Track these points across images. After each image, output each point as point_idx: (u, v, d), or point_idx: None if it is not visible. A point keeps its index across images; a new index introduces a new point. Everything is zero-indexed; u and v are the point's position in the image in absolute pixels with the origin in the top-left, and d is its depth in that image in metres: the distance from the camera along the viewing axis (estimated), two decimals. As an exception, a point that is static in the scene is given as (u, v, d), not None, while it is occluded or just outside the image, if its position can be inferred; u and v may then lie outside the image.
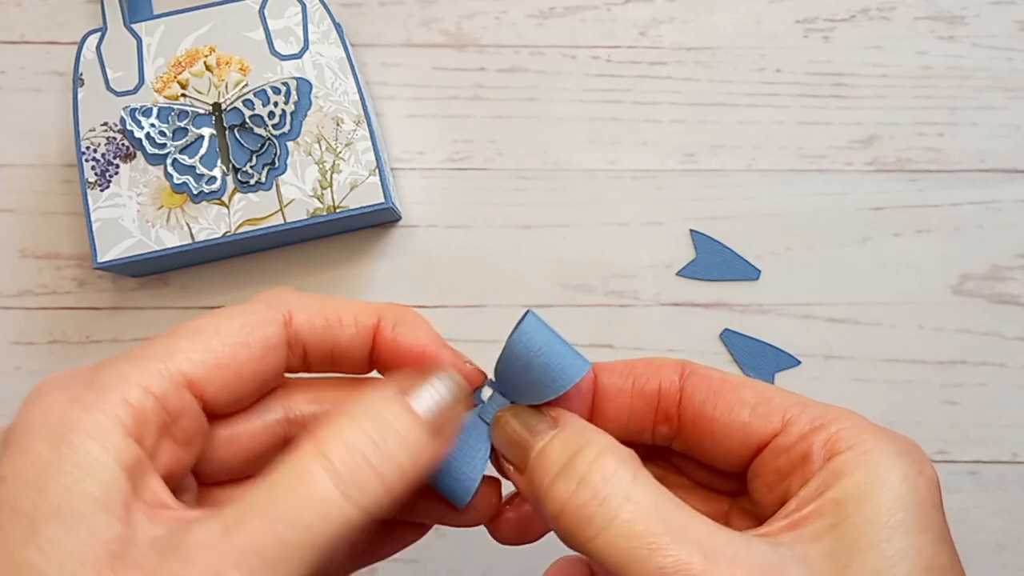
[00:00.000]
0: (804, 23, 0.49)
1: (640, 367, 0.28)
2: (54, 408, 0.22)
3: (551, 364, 0.27)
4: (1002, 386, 0.47)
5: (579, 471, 0.24)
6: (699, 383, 0.27)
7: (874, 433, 0.24)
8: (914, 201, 0.48)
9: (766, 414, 0.26)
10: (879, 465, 0.23)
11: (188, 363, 0.24)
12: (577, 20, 0.49)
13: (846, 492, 0.23)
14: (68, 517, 0.21)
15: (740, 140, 0.48)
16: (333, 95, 0.45)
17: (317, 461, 0.22)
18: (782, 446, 0.25)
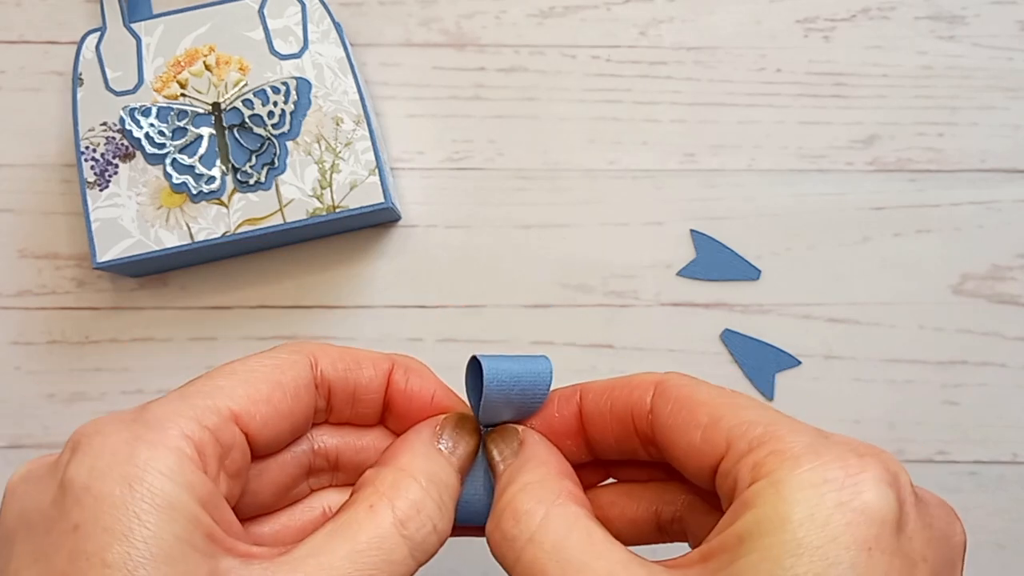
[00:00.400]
0: (804, 23, 0.49)
1: (618, 388, 0.28)
2: (119, 449, 0.22)
3: (525, 387, 0.29)
4: (1002, 386, 0.47)
5: (501, 506, 0.26)
6: (662, 404, 0.27)
7: (798, 458, 0.22)
8: (914, 201, 0.48)
9: (712, 438, 0.25)
10: (785, 498, 0.21)
11: (232, 399, 0.25)
12: (577, 20, 0.49)
13: (746, 527, 0.22)
14: (160, 564, 0.20)
15: (740, 140, 0.48)
16: (333, 95, 0.45)
17: (396, 530, 0.25)
18: (724, 470, 0.24)
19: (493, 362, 0.28)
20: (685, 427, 0.26)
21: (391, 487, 0.26)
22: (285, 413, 0.26)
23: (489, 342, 0.46)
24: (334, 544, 0.24)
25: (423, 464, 0.27)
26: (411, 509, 0.26)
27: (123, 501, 0.21)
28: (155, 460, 0.22)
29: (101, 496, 0.21)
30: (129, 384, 0.47)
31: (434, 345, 0.47)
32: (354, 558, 0.24)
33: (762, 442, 0.23)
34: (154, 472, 0.21)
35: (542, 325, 0.47)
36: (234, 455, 0.25)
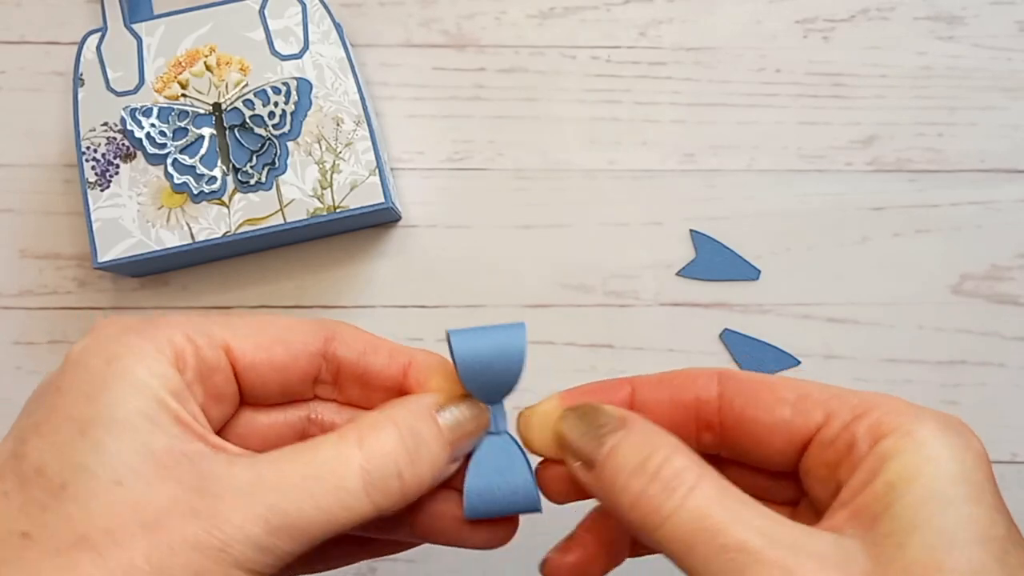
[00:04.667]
0: (804, 23, 0.49)
1: (677, 378, 0.29)
2: (110, 334, 0.25)
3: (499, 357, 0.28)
4: (1002, 386, 0.47)
5: (651, 468, 0.25)
6: (736, 387, 0.28)
7: (916, 414, 0.25)
8: (914, 201, 0.48)
9: (807, 410, 0.26)
10: (924, 444, 0.24)
11: (231, 333, 0.27)
12: (577, 20, 0.49)
13: (895, 474, 0.23)
14: (118, 426, 0.24)
15: (740, 140, 0.48)
16: (333, 95, 0.45)
17: (357, 459, 0.25)
18: (827, 439, 0.26)
19: (462, 336, 0.28)
20: (769, 405, 0.27)
21: (368, 426, 0.26)
22: (278, 366, 0.28)
23: (489, 342, 0.47)
24: (295, 454, 0.25)
25: (408, 417, 0.27)
26: (377, 443, 0.26)
27: (99, 371, 0.24)
28: (135, 347, 0.25)
29: (83, 365, 0.25)
30: (130, 384, 0.47)
31: (434, 345, 0.47)
32: (307, 471, 0.25)
33: (868, 408, 0.25)
34: (132, 355, 0.25)
35: (542, 325, 0.47)
36: (216, 378, 0.27)
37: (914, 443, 0.24)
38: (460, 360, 0.28)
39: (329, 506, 0.24)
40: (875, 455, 0.24)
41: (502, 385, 0.29)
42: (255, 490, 0.24)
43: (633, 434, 0.26)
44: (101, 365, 0.24)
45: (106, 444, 0.23)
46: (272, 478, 0.24)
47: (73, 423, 0.24)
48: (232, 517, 0.23)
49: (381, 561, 0.47)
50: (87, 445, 0.23)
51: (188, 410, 0.25)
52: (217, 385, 0.27)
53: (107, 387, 0.24)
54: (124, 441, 0.24)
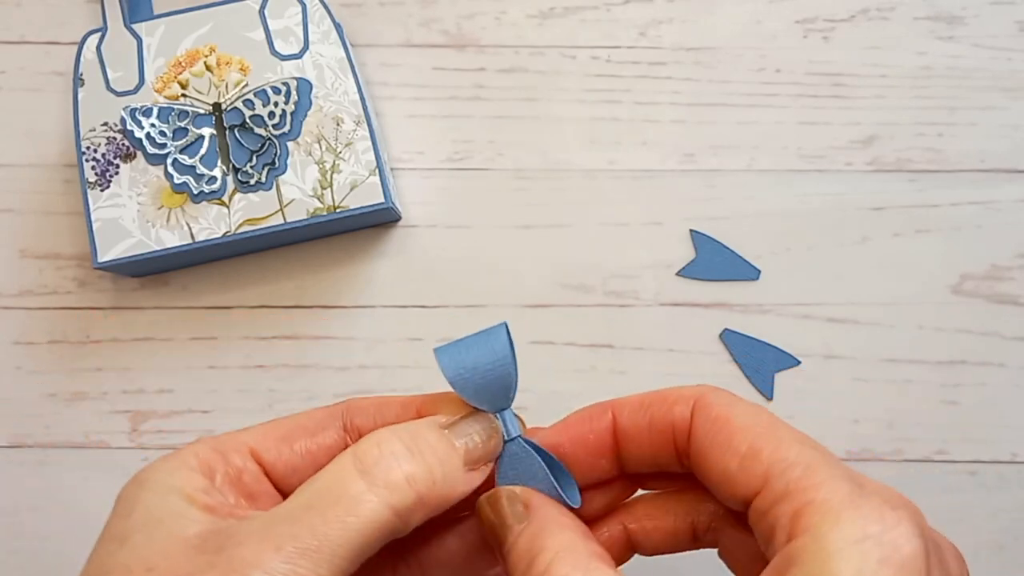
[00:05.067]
0: (804, 23, 0.49)
1: (656, 403, 0.28)
2: (140, 470, 0.27)
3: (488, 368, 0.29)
4: (1002, 386, 0.47)
5: (537, 571, 0.25)
6: (701, 422, 0.27)
7: (839, 513, 0.23)
8: (914, 201, 0.48)
9: (750, 468, 0.25)
10: (832, 555, 0.22)
11: (250, 435, 0.28)
12: (577, 20, 0.49)
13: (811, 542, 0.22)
14: (151, 525, 0.25)
15: (740, 140, 0.48)
16: (333, 95, 0.45)
17: (350, 461, 0.25)
18: (759, 509, 0.25)
19: (448, 355, 0.29)
20: (722, 452, 0.26)
21: (362, 440, 0.26)
22: (303, 452, 0.28)
23: (489, 342, 0.47)
24: (299, 489, 0.25)
25: (405, 425, 0.27)
26: (369, 444, 0.26)
27: (132, 495, 0.26)
28: (161, 466, 0.26)
29: (119, 498, 0.26)
30: (130, 384, 0.47)
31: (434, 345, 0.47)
32: (310, 495, 0.25)
33: (801, 487, 0.24)
34: (157, 472, 0.26)
35: (542, 325, 0.47)
36: (246, 479, 0.27)
37: (820, 555, 0.22)
38: (450, 374, 0.28)
39: (339, 516, 0.24)
40: (784, 555, 0.23)
41: (500, 389, 0.29)
42: (267, 527, 0.24)
43: (529, 529, 0.27)
44: (134, 490, 0.26)
45: (139, 542, 0.24)
46: (282, 513, 0.25)
47: (114, 540, 0.25)
48: (245, 555, 0.23)
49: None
50: (124, 548, 0.24)
51: (216, 500, 0.26)
52: (248, 485, 0.28)
53: (139, 501, 0.25)
54: (156, 535, 0.24)
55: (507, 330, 0.29)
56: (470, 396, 0.29)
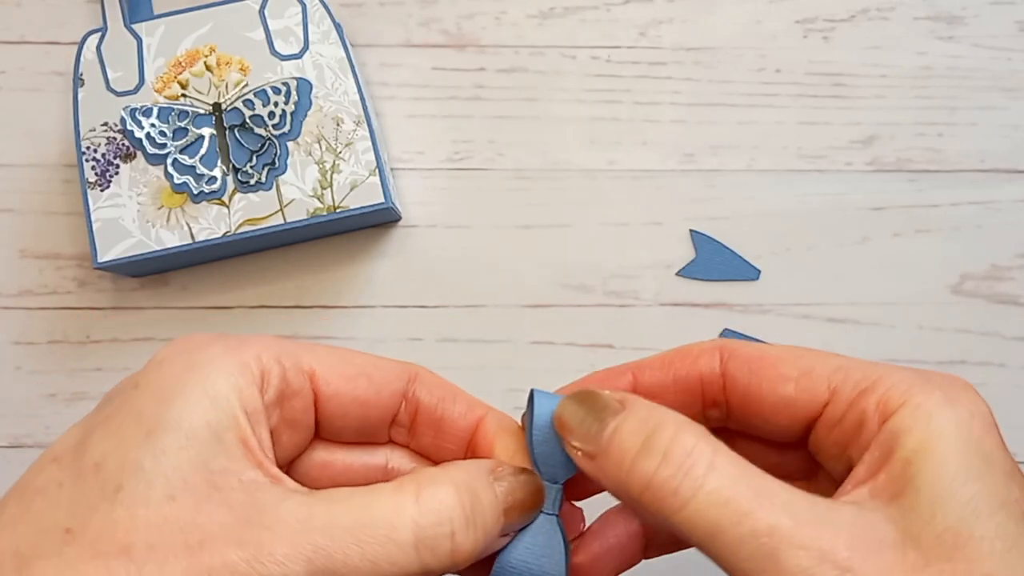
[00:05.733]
0: (804, 23, 0.49)
1: (678, 359, 0.28)
2: (198, 342, 0.25)
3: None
4: (1002, 386, 0.47)
5: (660, 447, 0.24)
6: (739, 365, 0.27)
7: (921, 386, 0.25)
8: (914, 201, 0.48)
9: (810, 387, 0.26)
10: (933, 418, 0.24)
11: (317, 360, 0.27)
12: (577, 20, 0.49)
13: (910, 451, 0.23)
14: (184, 435, 0.23)
15: (740, 140, 0.48)
16: (333, 95, 0.45)
17: (411, 513, 0.24)
18: (833, 417, 0.25)
19: (547, 401, 0.27)
20: (773, 383, 0.26)
21: (428, 480, 0.25)
22: (361, 400, 0.27)
23: (489, 342, 0.47)
24: (352, 500, 0.24)
25: (468, 478, 0.26)
26: (435, 500, 0.25)
27: (178, 376, 0.24)
28: (219, 358, 0.24)
29: (164, 367, 0.24)
30: (130, 384, 0.47)
31: (434, 345, 0.47)
32: (359, 516, 0.24)
33: (871, 382, 0.25)
34: (213, 367, 0.24)
35: (542, 325, 0.47)
36: (295, 403, 0.26)
37: (923, 418, 0.24)
38: (537, 424, 0.27)
39: (375, 556, 0.23)
40: (887, 432, 0.24)
41: (568, 463, 0.27)
42: (304, 528, 0.23)
43: (634, 413, 0.25)
44: (181, 370, 0.24)
45: (168, 452, 0.23)
46: (322, 519, 0.24)
47: (141, 424, 0.23)
48: (276, 551, 0.23)
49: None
50: (149, 449, 0.23)
51: (257, 434, 0.25)
52: (295, 410, 0.26)
53: (183, 392, 0.24)
54: (185, 453, 0.23)
55: None
56: (540, 451, 0.27)
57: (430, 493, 0.25)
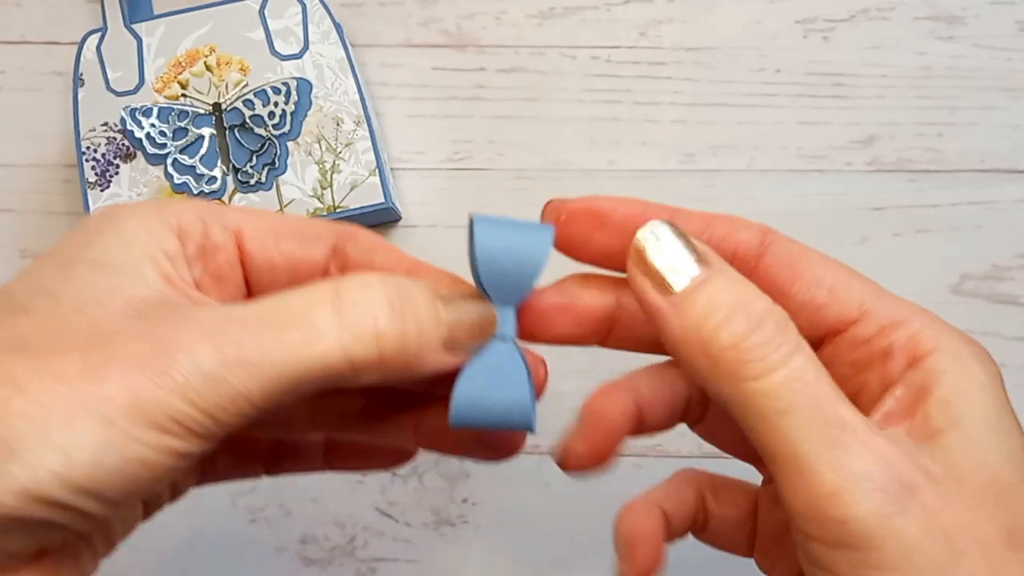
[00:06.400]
0: (804, 23, 0.49)
1: (720, 224, 0.27)
2: (120, 204, 0.25)
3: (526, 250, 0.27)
4: (1002, 386, 0.47)
5: (755, 312, 0.23)
6: (779, 254, 0.26)
7: (954, 335, 0.25)
8: (914, 201, 0.48)
9: (843, 299, 0.25)
10: (971, 366, 0.24)
11: (243, 217, 0.26)
12: (577, 20, 0.49)
13: (950, 392, 0.23)
14: (100, 267, 0.23)
15: (740, 140, 0.48)
16: (333, 95, 0.45)
17: (329, 295, 0.23)
18: (859, 337, 0.25)
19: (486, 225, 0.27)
20: (807, 282, 0.26)
21: (349, 276, 0.24)
22: (288, 255, 0.27)
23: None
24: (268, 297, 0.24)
25: (398, 277, 0.25)
26: (356, 286, 0.24)
27: (96, 226, 0.24)
28: (139, 211, 0.24)
29: (83, 224, 0.24)
30: (130, 384, 0.47)
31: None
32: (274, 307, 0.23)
33: (904, 317, 0.25)
34: (132, 216, 0.24)
35: (542, 325, 0.47)
36: (219, 257, 0.26)
37: (962, 365, 0.24)
38: (480, 247, 0.26)
39: (292, 341, 0.22)
40: (923, 372, 0.24)
41: (517, 286, 0.27)
42: (215, 321, 0.22)
43: (727, 272, 0.24)
44: (101, 222, 0.24)
45: (80, 279, 0.23)
46: (236, 313, 0.23)
47: (56, 261, 0.23)
48: (183, 342, 0.21)
49: (382, 561, 0.47)
50: (61, 279, 0.23)
51: (179, 273, 0.24)
52: (219, 265, 0.26)
53: (100, 236, 0.24)
54: (101, 278, 0.23)
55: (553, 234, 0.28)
56: (486, 277, 0.26)
57: (352, 281, 0.24)
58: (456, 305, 0.26)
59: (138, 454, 0.21)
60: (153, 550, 0.47)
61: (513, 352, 0.27)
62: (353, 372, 0.23)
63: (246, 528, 0.47)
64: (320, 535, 0.47)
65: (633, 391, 0.28)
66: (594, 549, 0.46)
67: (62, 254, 0.24)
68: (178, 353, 0.21)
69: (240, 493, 0.47)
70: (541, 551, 0.47)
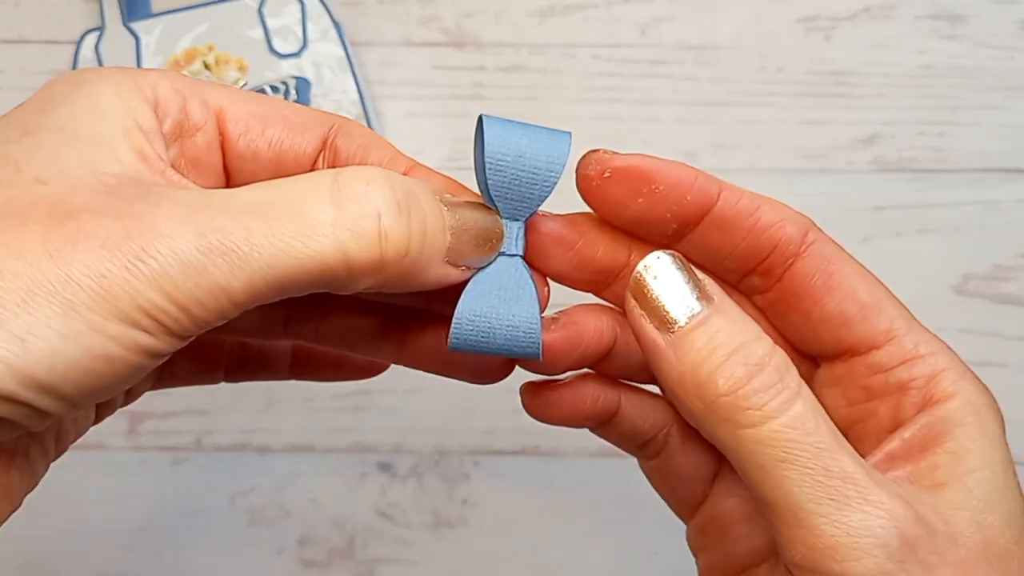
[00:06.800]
0: (805, 22, 0.49)
1: (767, 210, 0.25)
2: (92, 68, 0.23)
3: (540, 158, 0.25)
4: (1003, 386, 0.46)
5: (755, 356, 0.22)
6: (818, 257, 0.25)
7: (972, 381, 0.24)
8: (915, 201, 0.48)
9: (873, 320, 0.25)
10: (987, 423, 0.23)
11: (227, 97, 0.24)
12: (577, 19, 0.49)
13: (963, 449, 0.23)
14: (68, 135, 0.21)
15: (741, 139, 0.48)
16: (332, 94, 0.45)
17: (328, 182, 0.21)
18: (880, 364, 0.25)
19: (497, 127, 0.24)
20: (841, 294, 0.25)
21: (352, 167, 0.22)
22: (274, 142, 0.24)
23: (489, 342, 0.46)
24: (259, 184, 0.21)
25: (403, 176, 0.23)
26: (358, 178, 0.21)
27: (64, 92, 0.21)
28: (112, 78, 0.22)
29: (51, 86, 0.22)
30: (128, 384, 0.47)
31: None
32: (266, 193, 0.20)
33: (927, 351, 0.25)
34: (104, 83, 0.22)
35: (542, 325, 0.47)
36: (197, 139, 0.23)
37: (978, 419, 0.23)
38: (490, 151, 0.24)
39: (283, 233, 0.20)
40: (937, 418, 0.23)
41: (528, 198, 0.24)
42: (197, 206, 0.20)
43: (728, 310, 0.23)
44: (68, 86, 0.22)
45: (44, 147, 0.20)
46: (221, 200, 0.20)
47: (18, 127, 0.21)
48: (159, 222, 0.19)
49: (381, 563, 0.47)
50: (22, 147, 0.20)
51: (155, 150, 0.22)
52: (198, 147, 0.23)
53: (68, 102, 0.21)
54: (68, 148, 0.20)
55: (570, 141, 0.25)
56: (496, 185, 0.24)
57: (353, 173, 0.21)
58: (461, 212, 0.23)
59: (103, 349, 0.18)
60: (153, 550, 0.47)
61: (521, 270, 0.25)
62: (349, 275, 0.21)
63: (244, 529, 0.47)
64: (319, 536, 0.47)
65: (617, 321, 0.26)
66: (594, 550, 0.46)
67: (23, 117, 0.21)
68: (154, 236, 0.19)
69: (239, 494, 0.47)
70: (541, 552, 0.47)
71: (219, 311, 0.19)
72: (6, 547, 0.46)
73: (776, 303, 0.26)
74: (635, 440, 0.28)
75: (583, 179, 0.25)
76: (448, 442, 0.47)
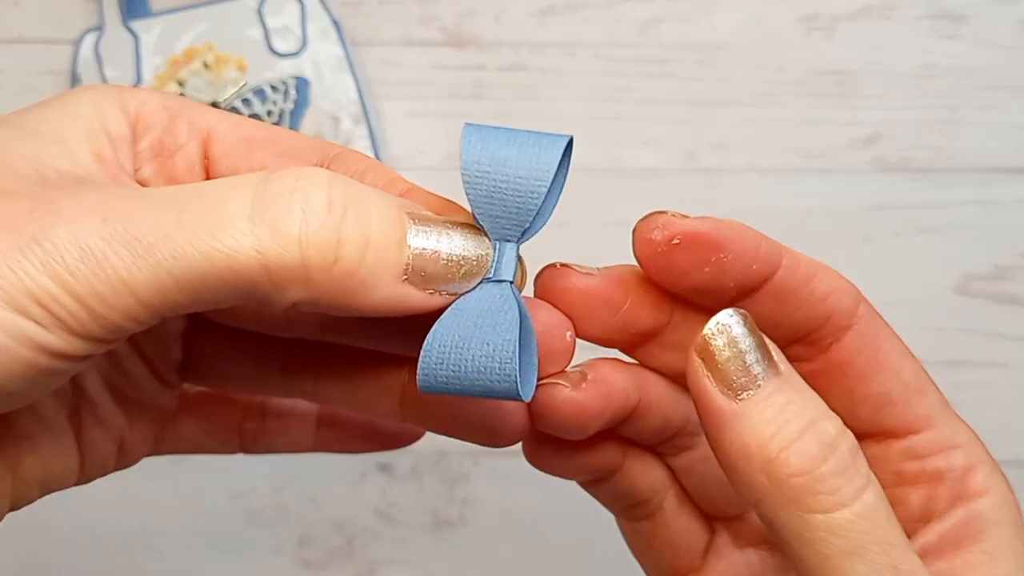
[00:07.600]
0: (806, 21, 0.49)
1: (823, 279, 0.24)
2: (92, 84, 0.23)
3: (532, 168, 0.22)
4: (1004, 386, 0.47)
5: (826, 437, 0.20)
6: (868, 333, 0.24)
7: (1001, 476, 0.24)
8: (916, 200, 0.48)
9: (914, 403, 0.24)
10: (1017, 522, 0.23)
11: (216, 119, 0.23)
12: (578, 18, 0.49)
13: (998, 549, 0.23)
14: (28, 132, 0.20)
15: (741, 139, 0.48)
16: (332, 93, 0.45)
17: (257, 180, 0.19)
18: (916, 450, 0.24)
19: (478, 136, 0.21)
20: (887, 374, 0.24)
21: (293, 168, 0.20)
22: (256, 164, 0.23)
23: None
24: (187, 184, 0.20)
25: (364, 186, 0.20)
26: (292, 173, 0.19)
27: (43, 102, 0.21)
28: (95, 91, 0.22)
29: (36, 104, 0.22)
30: (128, 384, 0.47)
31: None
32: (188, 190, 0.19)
33: (961, 442, 0.24)
34: (85, 95, 0.21)
35: (542, 325, 0.47)
36: (177, 159, 0.22)
37: (1011, 517, 0.23)
38: (466, 157, 0.21)
39: (192, 225, 0.18)
40: (975, 514, 0.23)
41: (515, 213, 0.22)
42: (116, 195, 0.19)
43: (795, 382, 0.21)
44: (51, 100, 0.21)
45: (4, 139, 0.20)
46: (144, 192, 0.19)
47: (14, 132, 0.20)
48: (66, 208, 0.18)
49: (381, 563, 0.47)
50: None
51: (119, 157, 0.21)
52: (176, 168, 0.22)
53: (45, 106, 0.21)
54: (21, 145, 0.20)
55: (569, 146, 0.22)
56: (476, 200, 0.21)
57: (288, 170, 0.20)
58: (435, 231, 0.21)
59: None
60: (151, 550, 0.47)
61: (508, 297, 0.21)
62: (271, 282, 0.18)
63: (244, 530, 0.47)
64: (319, 537, 0.47)
65: (640, 381, 0.24)
66: (595, 551, 0.46)
67: (3, 117, 0.21)
68: (56, 219, 0.17)
69: (239, 494, 0.47)
70: (541, 553, 0.47)
71: (124, 310, 0.18)
72: (7, 547, 0.46)
73: (818, 375, 0.24)
74: (627, 500, 0.27)
75: (646, 243, 0.23)
76: (448, 442, 0.47)
